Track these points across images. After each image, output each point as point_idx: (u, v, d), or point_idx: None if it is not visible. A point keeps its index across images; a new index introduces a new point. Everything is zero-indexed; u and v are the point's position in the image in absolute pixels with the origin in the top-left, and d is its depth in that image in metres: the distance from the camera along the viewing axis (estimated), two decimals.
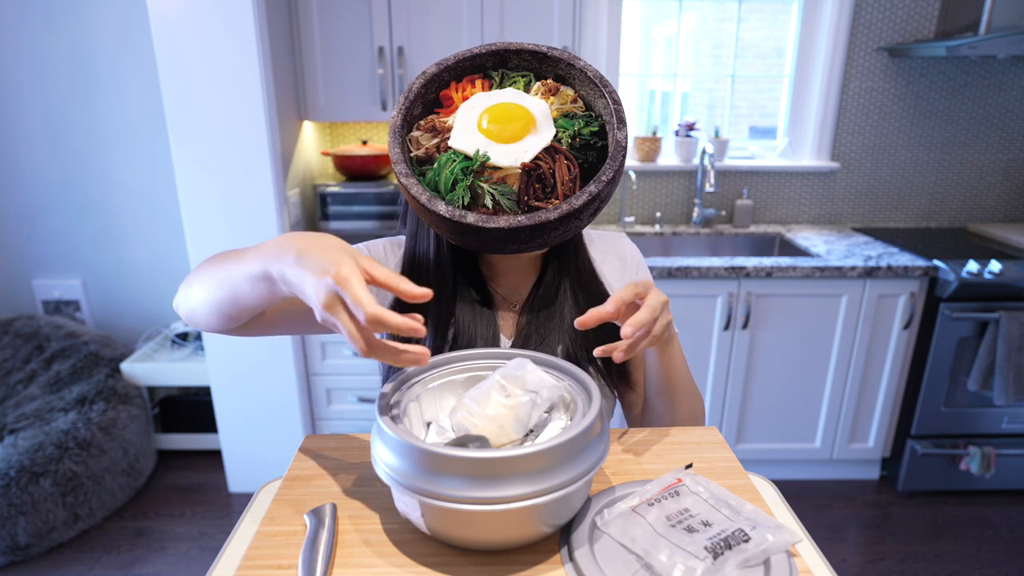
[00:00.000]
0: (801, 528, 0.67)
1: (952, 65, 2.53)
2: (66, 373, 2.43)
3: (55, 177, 2.60)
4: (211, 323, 0.76)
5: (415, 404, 0.70)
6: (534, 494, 0.55)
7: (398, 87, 2.24)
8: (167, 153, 2.51)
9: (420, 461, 0.57)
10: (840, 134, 2.63)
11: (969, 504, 2.36)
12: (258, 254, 0.65)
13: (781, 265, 2.15)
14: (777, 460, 2.46)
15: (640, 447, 0.80)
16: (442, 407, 0.73)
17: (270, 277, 0.64)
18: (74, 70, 2.47)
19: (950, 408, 2.28)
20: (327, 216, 2.34)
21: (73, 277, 2.75)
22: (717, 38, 2.88)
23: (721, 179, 2.69)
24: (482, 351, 0.76)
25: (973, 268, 2.10)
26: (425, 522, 0.59)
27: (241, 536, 0.67)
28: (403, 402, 0.68)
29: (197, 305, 0.75)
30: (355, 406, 2.34)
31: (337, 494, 0.71)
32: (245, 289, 0.68)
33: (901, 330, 2.25)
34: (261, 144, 2.01)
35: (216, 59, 1.93)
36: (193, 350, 2.55)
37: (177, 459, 2.62)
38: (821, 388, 2.33)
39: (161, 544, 2.17)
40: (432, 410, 0.72)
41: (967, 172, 2.68)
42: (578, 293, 0.89)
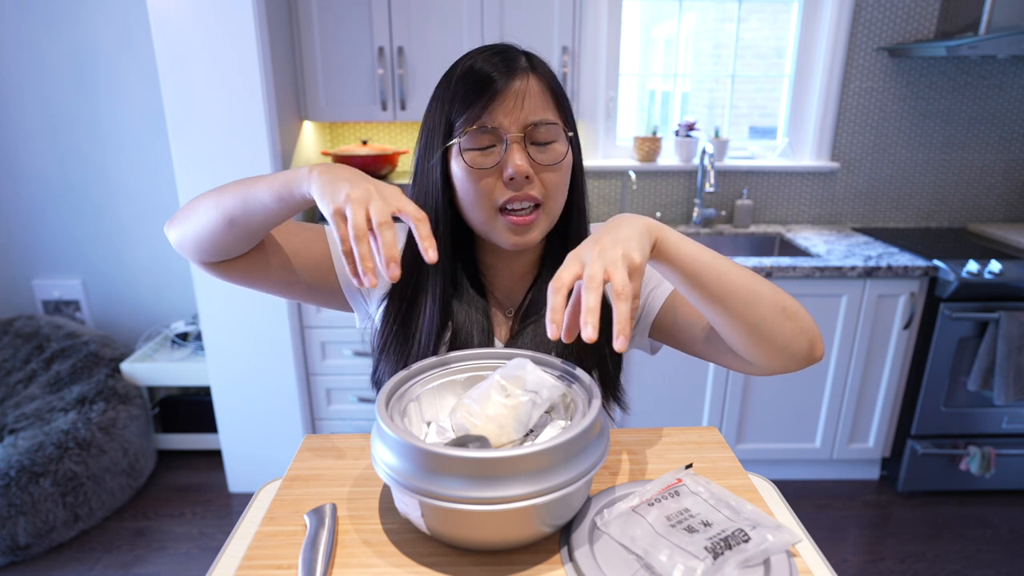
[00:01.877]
0: (801, 528, 0.67)
1: (952, 65, 2.53)
2: (66, 373, 2.43)
3: (55, 177, 2.60)
4: (207, 241, 0.78)
5: (415, 404, 0.70)
6: (534, 494, 0.55)
7: (398, 87, 2.24)
8: (167, 153, 2.51)
9: (420, 461, 0.57)
10: (840, 134, 2.63)
11: (969, 504, 2.36)
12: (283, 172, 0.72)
13: (781, 265, 2.15)
14: (777, 460, 2.46)
15: (640, 447, 0.80)
16: (442, 407, 0.73)
17: (296, 178, 0.70)
18: (74, 70, 2.47)
19: (950, 408, 2.28)
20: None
21: (73, 277, 2.75)
22: (717, 38, 2.88)
23: (721, 179, 2.69)
24: (482, 351, 0.76)
25: (973, 268, 2.10)
26: (425, 522, 0.60)
27: (241, 536, 0.67)
28: (403, 402, 0.68)
29: (197, 221, 0.77)
30: (355, 406, 2.34)
31: (337, 494, 0.71)
32: (261, 195, 0.72)
33: (901, 330, 2.25)
34: (261, 144, 2.01)
35: (216, 59, 1.93)
36: (193, 350, 2.56)
37: (177, 459, 2.62)
38: (821, 388, 2.33)
39: (161, 544, 2.17)
40: (432, 410, 0.72)
41: (967, 172, 2.68)
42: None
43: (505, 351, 0.75)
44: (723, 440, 0.82)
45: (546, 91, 0.80)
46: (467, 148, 0.78)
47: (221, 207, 0.75)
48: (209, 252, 0.79)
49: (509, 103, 0.77)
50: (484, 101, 0.77)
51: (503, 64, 0.78)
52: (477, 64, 0.78)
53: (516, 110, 0.77)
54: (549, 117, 0.79)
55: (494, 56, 0.79)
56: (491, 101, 0.77)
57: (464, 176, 0.79)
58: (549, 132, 0.79)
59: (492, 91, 0.77)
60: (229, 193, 0.75)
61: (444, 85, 0.81)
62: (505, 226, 0.80)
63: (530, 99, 0.78)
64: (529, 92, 0.78)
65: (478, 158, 0.78)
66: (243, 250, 0.81)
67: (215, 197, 0.76)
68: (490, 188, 0.79)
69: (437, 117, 0.81)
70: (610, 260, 0.60)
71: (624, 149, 2.73)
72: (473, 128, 0.77)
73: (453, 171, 0.81)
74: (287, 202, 0.72)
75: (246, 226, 0.76)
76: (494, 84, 0.77)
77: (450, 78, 0.80)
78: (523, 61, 0.80)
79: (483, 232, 0.83)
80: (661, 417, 2.32)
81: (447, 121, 0.79)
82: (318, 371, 2.29)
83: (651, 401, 2.33)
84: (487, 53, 0.80)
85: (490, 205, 0.80)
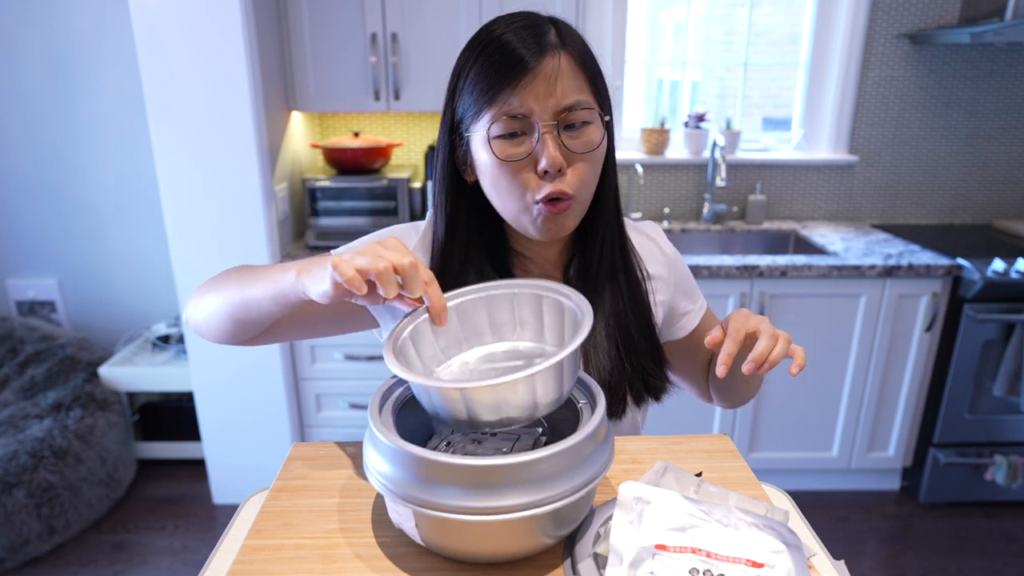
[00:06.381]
0: (817, 541, 0.67)
1: (977, 52, 2.53)
2: (41, 378, 2.43)
3: (29, 171, 2.60)
4: (227, 338, 0.84)
5: (409, 342, 0.70)
6: (535, 503, 0.55)
7: (392, 76, 2.24)
8: (147, 146, 2.51)
9: (415, 469, 0.57)
10: (858, 125, 2.63)
11: (994, 516, 2.36)
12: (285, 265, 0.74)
13: (796, 264, 2.16)
14: (792, 470, 2.46)
15: (648, 455, 0.80)
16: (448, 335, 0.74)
17: (287, 284, 0.70)
18: (50, 59, 2.47)
19: (974, 415, 2.28)
20: (316, 212, 2.34)
21: (48, 276, 2.75)
22: (728, 24, 2.89)
23: (733, 173, 2.69)
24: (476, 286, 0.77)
25: (999, 267, 2.10)
26: (420, 533, 0.60)
27: (226, 550, 0.67)
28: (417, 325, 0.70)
29: (208, 324, 0.83)
30: (346, 412, 2.34)
31: (328, 505, 0.71)
32: (261, 301, 0.75)
33: (923, 332, 2.25)
34: (247, 136, 2.01)
35: (199, 45, 1.92)
36: (175, 353, 2.55)
37: (158, 469, 2.62)
38: (838, 394, 2.33)
39: (142, 558, 2.17)
40: (433, 348, 0.73)
41: (993, 165, 2.68)
42: (621, 282, 0.89)
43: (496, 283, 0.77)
44: (735, 448, 0.82)
45: (579, 69, 0.78)
46: (496, 136, 0.77)
47: (228, 312, 0.80)
48: (231, 342, 0.86)
49: (540, 87, 0.75)
50: (513, 84, 0.75)
51: (532, 39, 0.76)
52: (505, 37, 0.77)
53: (548, 95, 0.75)
54: (582, 100, 0.77)
55: (522, 29, 0.77)
56: (520, 84, 0.75)
57: (493, 167, 0.79)
58: (582, 115, 0.78)
59: (520, 72, 0.75)
60: (229, 294, 0.79)
61: (467, 59, 0.80)
62: (538, 216, 0.80)
63: (562, 81, 0.76)
64: (561, 73, 0.76)
65: (508, 148, 0.77)
66: (262, 330, 0.85)
67: (217, 300, 0.80)
68: (524, 182, 0.78)
69: (460, 98, 0.80)
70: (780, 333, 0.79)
71: (630, 141, 2.73)
72: (502, 116, 0.76)
73: (479, 158, 0.80)
74: (287, 305, 0.74)
75: (257, 323, 0.80)
76: (523, 64, 0.75)
77: (474, 51, 0.79)
78: (552, 35, 0.77)
79: (514, 222, 0.84)
80: (669, 424, 2.32)
81: (472, 103, 0.78)
82: (307, 375, 2.29)
83: (659, 407, 2.32)
84: (516, 25, 0.78)
85: (522, 197, 0.79)
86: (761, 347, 0.75)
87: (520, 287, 0.75)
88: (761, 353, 0.75)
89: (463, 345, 0.75)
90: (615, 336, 0.87)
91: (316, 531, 0.67)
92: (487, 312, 0.75)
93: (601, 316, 0.87)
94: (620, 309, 0.88)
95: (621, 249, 0.90)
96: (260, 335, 0.86)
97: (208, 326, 0.83)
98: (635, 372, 0.88)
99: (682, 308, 0.98)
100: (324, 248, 2.32)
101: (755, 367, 0.74)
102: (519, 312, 0.75)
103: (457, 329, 0.74)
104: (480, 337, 0.75)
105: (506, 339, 0.76)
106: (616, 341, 0.87)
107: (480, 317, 0.75)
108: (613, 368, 0.86)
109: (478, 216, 0.87)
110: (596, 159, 0.81)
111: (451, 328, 0.73)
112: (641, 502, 0.60)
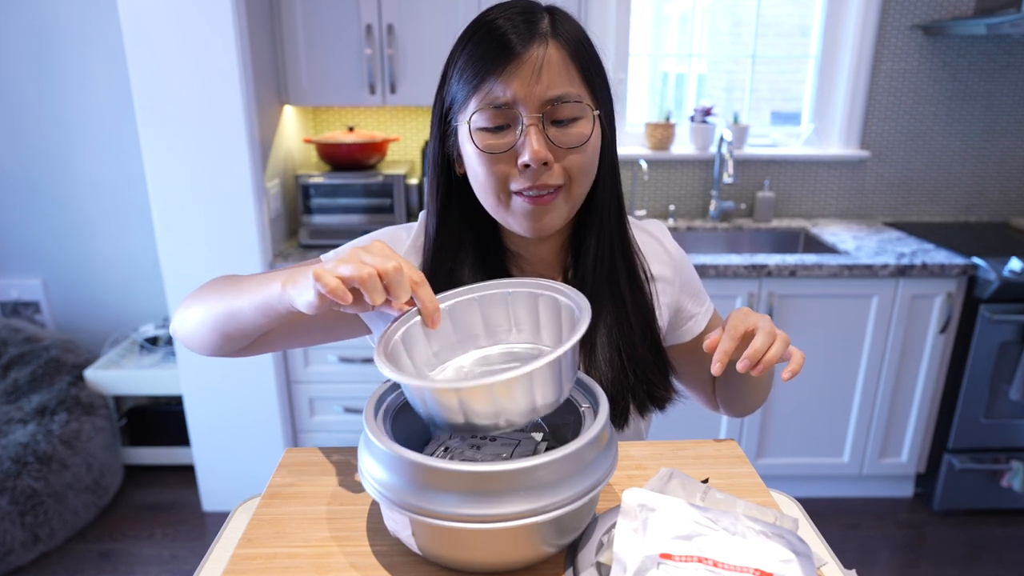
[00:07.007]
0: (828, 550, 0.67)
1: (993, 44, 2.53)
2: (24, 381, 2.43)
3: (12, 167, 2.60)
4: (214, 350, 0.84)
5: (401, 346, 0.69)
6: (536, 511, 0.55)
7: (387, 69, 2.25)
8: (135, 141, 2.50)
9: (411, 475, 0.57)
10: (870, 120, 2.63)
11: (1011, 524, 2.36)
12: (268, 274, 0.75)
13: (806, 263, 2.16)
14: (802, 476, 2.46)
15: (652, 460, 0.80)
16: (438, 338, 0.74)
17: (273, 295, 0.71)
18: (34, 52, 2.47)
19: (990, 419, 2.28)
20: (310, 209, 2.34)
21: (32, 276, 2.75)
22: (736, 15, 2.89)
23: (740, 169, 2.69)
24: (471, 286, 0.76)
25: (1016, 266, 2.10)
26: (416, 542, 0.60)
27: (216, 560, 0.67)
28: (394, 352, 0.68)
29: (195, 338, 0.83)
30: (340, 417, 2.34)
31: (321, 513, 0.71)
32: (247, 314, 0.75)
33: (937, 334, 2.25)
34: (238, 131, 2.01)
35: (188, 38, 1.92)
36: (163, 356, 2.56)
37: (146, 475, 2.62)
38: (850, 397, 2.33)
39: (129, 568, 2.17)
40: (426, 351, 0.73)
41: (1010, 161, 2.68)
42: (623, 287, 0.89)
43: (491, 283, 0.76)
44: (742, 454, 0.82)
45: (568, 60, 0.76)
46: (478, 127, 0.77)
47: (214, 326, 0.80)
48: (220, 355, 0.87)
49: (525, 75, 0.74)
50: (498, 70, 0.74)
51: (524, 26, 0.75)
52: (497, 22, 0.76)
53: (532, 84, 0.74)
54: (571, 92, 0.76)
55: (516, 15, 0.76)
56: (505, 71, 0.74)
57: (475, 159, 0.78)
58: (571, 109, 0.76)
59: (506, 58, 0.74)
60: (215, 306, 0.79)
61: (459, 45, 0.80)
62: (519, 210, 0.80)
63: (549, 70, 0.75)
64: (548, 62, 0.75)
65: (490, 140, 0.77)
66: (251, 342, 0.86)
67: (203, 312, 0.81)
68: (503, 174, 0.78)
69: (449, 86, 0.80)
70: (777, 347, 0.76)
71: (635, 136, 2.74)
72: (487, 106, 0.75)
73: (464, 150, 0.80)
74: (274, 316, 0.74)
75: (245, 335, 0.81)
76: (510, 49, 0.74)
77: (466, 37, 0.79)
78: (545, 23, 0.76)
79: (498, 217, 0.83)
80: (675, 428, 2.32)
81: (459, 89, 0.78)
82: (300, 378, 2.29)
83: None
84: (510, 12, 0.77)
85: (503, 190, 0.79)
86: (756, 345, 0.74)
87: (514, 286, 0.74)
88: (756, 351, 0.73)
89: (457, 349, 0.74)
90: (617, 344, 0.86)
91: (309, 539, 0.66)
92: (481, 313, 0.75)
93: (602, 322, 0.86)
94: (622, 315, 0.87)
95: (624, 252, 0.89)
96: (251, 346, 0.86)
97: (196, 339, 0.84)
98: (638, 381, 0.87)
99: (688, 311, 0.97)
100: (318, 247, 2.32)
101: (750, 365, 0.73)
102: (514, 312, 0.75)
103: (450, 332, 0.74)
104: (475, 340, 0.75)
105: (501, 341, 0.76)
106: (618, 349, 0.86)
107: (474, 319, 0.75)
108: (615, 377, 0.86)
109: (471, 211, 0.86)
110: (588, 152, 0.79)
111: (444, 331, 0.73)
112: (646, 509, 0.60)
